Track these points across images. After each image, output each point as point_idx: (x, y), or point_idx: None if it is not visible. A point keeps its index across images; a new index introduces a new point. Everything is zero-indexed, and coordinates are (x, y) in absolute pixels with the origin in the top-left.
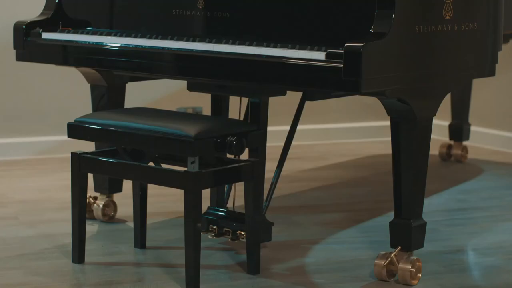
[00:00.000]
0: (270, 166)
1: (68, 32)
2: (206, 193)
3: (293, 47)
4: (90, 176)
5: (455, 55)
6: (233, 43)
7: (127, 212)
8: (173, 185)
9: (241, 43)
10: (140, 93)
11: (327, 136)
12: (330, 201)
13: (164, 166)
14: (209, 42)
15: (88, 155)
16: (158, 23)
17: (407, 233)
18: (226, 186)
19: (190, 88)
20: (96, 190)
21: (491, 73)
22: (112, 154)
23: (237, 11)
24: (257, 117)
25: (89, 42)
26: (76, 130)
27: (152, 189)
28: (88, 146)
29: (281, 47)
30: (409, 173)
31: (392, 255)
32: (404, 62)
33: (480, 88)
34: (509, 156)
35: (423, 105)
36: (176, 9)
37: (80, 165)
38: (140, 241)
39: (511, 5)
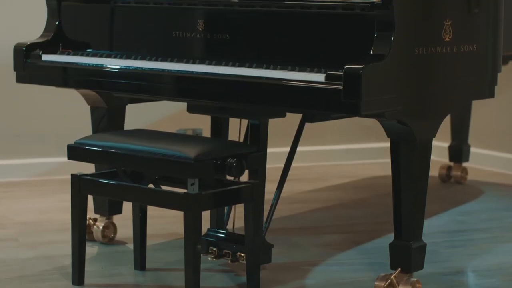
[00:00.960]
0: (270, 187)
1: (68, 54)
2: (206, 215)
3: (292, 69)
4: (90, 198)
5: (455, 76)
6: (233, 65)
7: (127, 233)
8: (173, 207)
9: (241, 65)
10: (140, 115)
11: (326, 157)
12: (329, 222)
13: (164, 188)
14: (209, 64)
15: (88, 177)
16: (158, 45)
17: (407, 254)
18: (226, 207)
19: (190, 110)
20: (96, 211)
21: (491, 94)
22: (112, 176)
23: (237, 33)
24: (257, 139)
25: (89, 64)
26: (76, 152)
27: (152, 211)
28: (88, 168)
29: (281, 69)
30: (409, 194)
31: (392, 277)
32: (404, 83)
33: (480, 109)
34: (509, 178)
35: (423, 127)
36: (176, 31)
37: (80, 187)
38: (140, 263)
39: (510, 26)
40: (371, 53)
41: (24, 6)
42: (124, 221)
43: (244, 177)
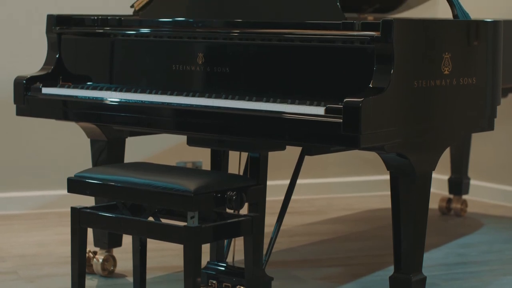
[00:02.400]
0: (270, 220)
1: (68, 87)
2: (205, 248)
3: (292, 102)
4: (89, 231)
5: (454, 109)
6: (232, 98)
7: (127, 266)
8: (172, 240)
9: (241, 98)
10: (140, 148)
11: (326, 190)
12: (329, 255)
13: (163, 220)
14: (209, 97)
15: (88, 210)
16: (158, 78)
17: (407, 287)
18: (226, 240)
19: (190, 142)
20: (95, 244)
21: (490, 127)
22: (112, 209)
23: (237, 66)
24: (257, 172)
25: (89, 97)
26: (76, 185)
27: (152, 244)
28: (88, 201)
29: (281, 102)
30: (408, 227)
31: None
32: (403, 116)
33: (479, 142)
34: (508, 210)
35: (422, 160)
36: (176, 64)
37: (80, 219)
38: None
39: (510, 59)
40: (371, 86)
41: (24, 39)
42: (123, 254)
43: (244, 210)
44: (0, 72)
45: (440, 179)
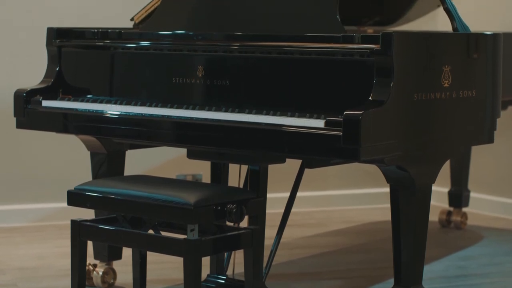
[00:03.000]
0: (270, 233)
1: (68, 100)
2: (205, 260)
3: (292, 115)
4: (89, 243)
5: (454, 122)
6: (232, 111)
7: (127, 279)
8: (172, 253)
9: (241, 111)
10: (140, 160)
11: (326, 202)
12: (329, 268)
13: (163, 233)
14: (209, 110)
15: (88, 223)
16: (158, 91)
17: None
18: (226, 253)
19: (190, 155)
20: (95, 257)
21: (490, 140)
22: (112, 222)
23: (237, 79)
24: (257, 185)
25: (89, 110)
26: (76, 197)
27: (152, 256)
28: (87, 213)
29: (281, 115)
30: (408, 239)
31: None
32: (403, 129)
33: (479, 154)
34: (509, 222)
35: (422, 172)
36: (176, 77)
37: (79, 232)
38: None
39: (509, 72)
40: (371, 99)
41: (24, 52)
42: (123, 266)
43: (244, 223)
44: (0, 85)
45: (440, 191)
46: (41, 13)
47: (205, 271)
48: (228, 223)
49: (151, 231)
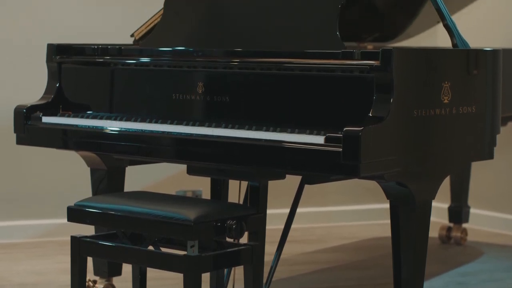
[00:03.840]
0: (270, 249)
1: (69, 116)
2: (205, 276)
3: (292, 131)
4: (89, 260)
5: (454, 138)
6: (232, 127)
7: None
8: (172, 269)
9: (241, 127)
10: (140, 176)
11: (326, 218)
12: (330, 284)
13: (163, 249)
14: (209, 126)
15: (88, 239)
16: (158, 107)
17: None
18: (226, 269)
19: (190, 171)
20: (95, 273)
21: (490, 156)
22: (112, 238)
23: (237, 96)
24: (257, 201)
25: (89, 126)
26: (76, 214)
27: (152, 272)
28: (88, 229)
29: (281, 131)
30: (408, 255)
31: None
32: (403, 145)
33: (479, 170)
34: (509, 238)
35: (422, 188)
36: (176, 94)
37: (79, 248)
38: None
39: (509, 88)
40: (370, 115)
41: (24, 68)
42: (123, 283)
43: (244, 239)
44: (0, 101)
45: (440, 207)
46: (41, 29)
47: (205, 287)
48: (228, 239)
49: (151, 247)
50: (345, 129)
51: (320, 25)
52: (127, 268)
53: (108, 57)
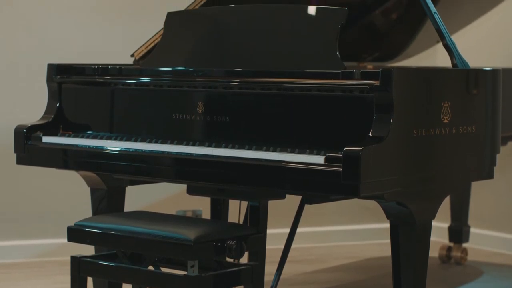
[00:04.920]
0: (270, 269)
1: (69, 136)
2: None
3: (292, 151)
4: (89, 279)
5: (454, 158)
6: (232, 147)
7: None
8: None
9: (241, 147)
10: (140, 196)
11: (326, 238)
12: None
13: (163, 269)
14: (209, 146)
15: (88, 259)
16: (158, 127)
17: None
18: None
19: (190, 191)
20: None
21: (490, 175)
22: (112, 258)
23: (237, 116)
24: (257, 220)
25: (89, 146)
26: (76, 233)
27: None
28: (88, 249)
29: (281, 151)
30: (408, 275)
31: None
32: (403, 165)
33: (479, 190)
34: (509, 258)
35: (422, 208)
36: (176, 113)
37: (79, 268)
38: None
39: (509, 107)
40: (370, 135)
41: (25, 88)
42: None
43: (244, 259)
44: (0, 121)
45: (440, 227)
46: (42, 49)
47: None
48: (228, 259)
49: (151, 267)
50: (345, 149)
51: (320, 45)
52: None
53: (108, 77)
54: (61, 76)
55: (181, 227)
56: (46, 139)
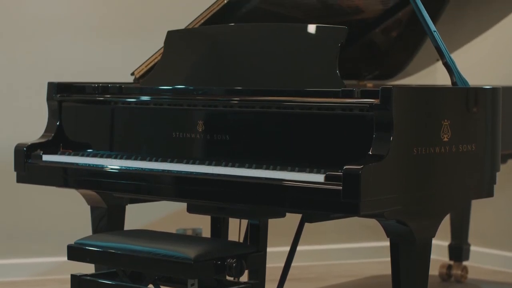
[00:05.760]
0: (270, 287)
1: (69, 154)
2: None
3: (292, 170)
4: None
5: (454, 176)
6: (232, 166)
7: None
8: None
9: (241, 165)
10: (140, 215)
11: (326, 256)
12: None
13: None
14: (209, 164)
15: (88, 277)
16: (158, 145)
17: None
18: None
19: (190, 210)
20: None
21: (490, 194)
22: (112, 276)
23: (237, 134)
24: (257, 239)
25: (89, 165)
26: (76, 252)
27: None
28: (88, 267)
29: (281, 169)
30: None
31: None
32: (403, 184)
33: (479, 208)
34: (509, 276)
35: (422, 227)
36: (176, 132)
37: (79, 287)
38: None
39: (509, 125)
40: (370, 153)
41: (25, 106)
42: None
43: (244, 277)
44: (0, 139)
45: (440, 245)
46: (42, 67)
47: None
48: (228, 278)
49: (151, 286)
50: (345, 167)
51: (320, 63)
52: None
53: (108, 96)
54: (61, 94)
55: (181, 246)
56: (46, 157)
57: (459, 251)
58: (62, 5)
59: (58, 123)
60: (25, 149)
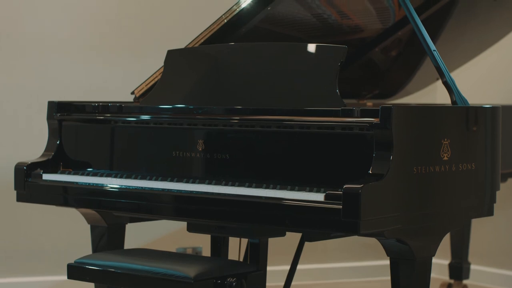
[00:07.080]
0: None
1: (69, 173)
2: None
3: (292, 189)
4: None
5: (454, 195)
6: (232, 185)
7: None
8: None
9: (241, 184)
10: (140, 233)
11: (326, 275)
12: None
13: None
14: (209, 183)
15: None
16: (158, 164)
17: None
18: None
19: (190, 229)
20: None
21: (490, 212)
22: None
23: (237, 153)
24: (257, 258)
25: (89, 184)
26: (75, 271)
27: None
28: (87, 286)
29: (281, 188)
30: None
31: None
32: (403, 203)
33: (479, 226)
34: None
35: (422, 245)
36: (176, 151)
37: None
38: None
39: (508, 144)
40: (370, 172)
41: (25, 125)
42: None
43: None
44: (1, 158)
45: (440, 264)
46: (42, 87)
47: None
48: None
49: None
50: (345, 186)
51: (320, 82)
52: None
53: (108, 115)
54: (62, 113)
55: (181, 265)
56: (46, 176)
57: (459, 269)
58: (62, 24)
59: (58, 142)
60: (25, 168)
